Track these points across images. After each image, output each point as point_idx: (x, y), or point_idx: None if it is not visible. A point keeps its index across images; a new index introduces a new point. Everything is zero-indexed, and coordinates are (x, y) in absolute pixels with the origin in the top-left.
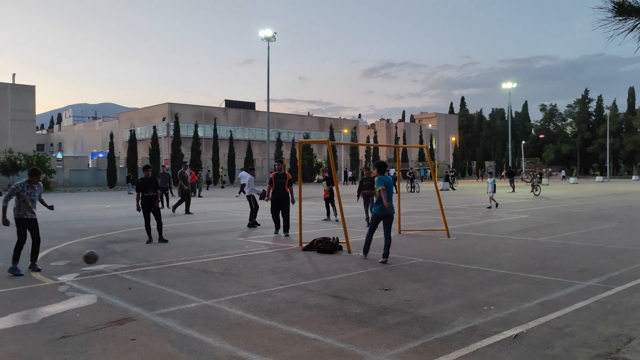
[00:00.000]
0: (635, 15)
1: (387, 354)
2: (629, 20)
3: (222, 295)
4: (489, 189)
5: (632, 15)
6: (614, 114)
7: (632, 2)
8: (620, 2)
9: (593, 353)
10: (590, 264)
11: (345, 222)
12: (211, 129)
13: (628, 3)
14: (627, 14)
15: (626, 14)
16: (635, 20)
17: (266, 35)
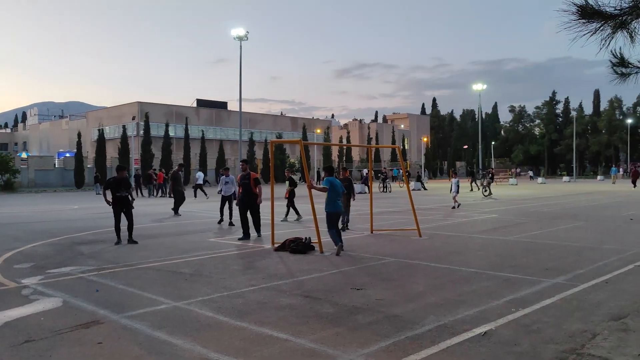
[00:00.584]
0: (598, 18)
1: (359, 354)
2: (591, 23)
3: (192, 296)
4: (453, 189)
5: (594, 18)
6: (580, 115)
7: (594, 5)
8: (584, 5)
9: (559, 349)
10: (557, 262)
11: (317, 223)
12: (182, 128)
13: (591, 6)
14: (589, 17)
15: (589, 17)
16: (597, 23)
17: (238, 35)
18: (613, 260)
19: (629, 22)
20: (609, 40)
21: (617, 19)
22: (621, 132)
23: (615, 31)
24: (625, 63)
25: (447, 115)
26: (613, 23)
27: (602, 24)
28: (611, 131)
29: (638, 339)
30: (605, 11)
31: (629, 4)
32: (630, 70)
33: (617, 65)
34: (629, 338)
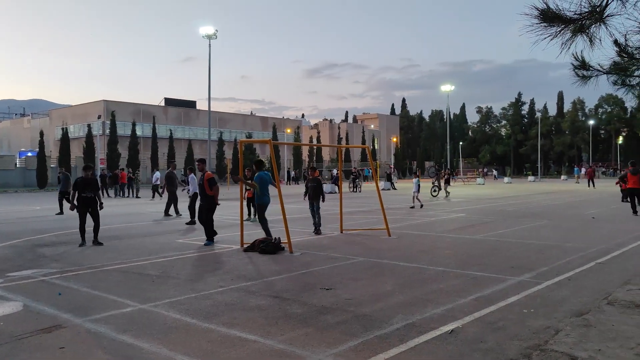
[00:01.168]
0: (558, 22)
1: (328, 353)
2: (552, 27)
3: (159, 298)
4: (414, 189)
5: (555, 22)
6: (545, 116)
7: (555, 9)
8: (545, 10)
9: (523, 345)
10: (522, 260)
11: (287, 223)
12: (150, 127)
13: (552, 10)
14: (550, 21)
15: (550, 21)
16: (558, 27)
17: (207, 33)
18: (575, 258)
19: (588, 26)
20: (570, 43)
21: (576, 23)
22: (583, 133)
23: (575, 35)
24: (587, 66)
25: (417, 115)
26: (573, 27)
27: (563, 28)
28: (574, 132)
29: (599, 334)
30: (566, 15)
31: (587, 9)
32: (591, 73)
33: (578, 68)
34: (589, 333)
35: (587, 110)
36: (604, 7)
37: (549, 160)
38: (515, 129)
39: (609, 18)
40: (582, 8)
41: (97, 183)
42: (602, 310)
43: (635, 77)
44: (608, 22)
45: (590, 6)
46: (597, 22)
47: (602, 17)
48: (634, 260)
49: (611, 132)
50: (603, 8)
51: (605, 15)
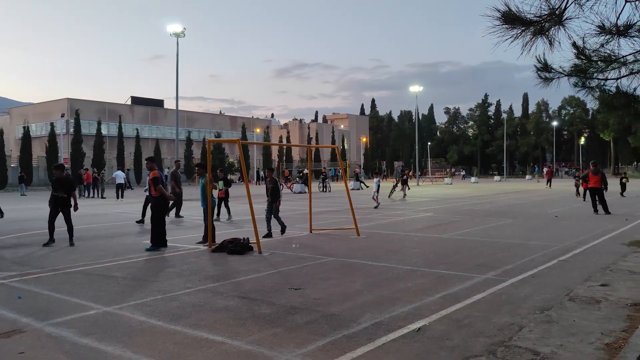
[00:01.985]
0: (519, 24)
1: (296, 354)
2: (514, 29)
3: (124, 301)
4: (374, 189)
5: (516, 24)
6: (510, 117)
7: (515, 11)
8: (506, 12)
9: (488, 342)
10: (488, 258)
11: (255, 223)
12: (116, 126)
13: (513, 13)
14: (511, 23)
15: (511, 23)
16: (519, 29)
17: (175, 31)
18: (539, 256)
19: (547, 28)
20: (530, 45)
21: (537, 26)
22: (547, 134)
23: (535, 37)
24: (549, 68)
25: (386, 115)
26: (533, 29)
27: (524, 30)
28: (538, 133)
29: (561, 329)
30: (526, 17)
31: (547, 12)
32: (553, 75)
33: (541, 70)
34: (552, 329)
35: (551, 111)
36: (563, 10)
37: (515, 160)
38: (482, 130)
39: (568, 21)
40: (542, 10)
41: (70, 183)
42: (564, 307)
43: (595, 80)
44: (567, 25)
45: (549, 8)
46: (556, 25)
47: (561, 20)
48: (594, 258)
49: (573, 133)
50: (562, 11)
51: (564, 19)
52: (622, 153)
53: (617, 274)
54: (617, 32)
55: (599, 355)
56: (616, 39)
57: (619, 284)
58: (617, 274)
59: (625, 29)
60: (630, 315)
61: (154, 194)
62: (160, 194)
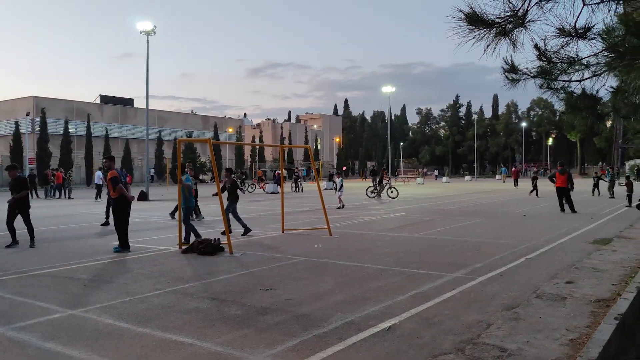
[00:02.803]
0: (483, 25)
1: (266, 354)
2: (477, 30)
3: (90, 303)
4: (338, 189)
5: (480, 25)
6: (481, 118)
7: (479, 13)
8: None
9: (457, 339)
10: (458, 257)
11: (227, 224)
12: (84, 125)
13: (477, 14)
14: (475, 24)
15: (475, 24)
16: (482, 30)
17: (145, 29)
18: (507, 254)
19: (511, 30)
20: (494, 46)
21: (500, 27)
22: (517, 135)
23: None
24: (516, 70)
25: (359, 116)
26: (497, 30)
27: (487, 31)
28: (508, 133)
29: (527, 326)
30: (489, 19)
31: (509, 13)
32: (520, 76)
33: (508, 71)
34: (519, 326)
35: (520, 112)
36: (526, 12)
37: (485, 160)
38: (453, 130)
39: (530, 23)
40: (505, 12)
41: (23, 183)
42: (531, 304)
43: (559, 81)
44: (530, 27)
45: (511, 10)
46: (519, 27)
47: (524, 21)
48: (560, 256)
49: (542, 134)
50: (525, 13)
51: (527, 20)
52: (588, 153)
53: (582, 271)
54: (576, 34)
55: (563, 350)
56: (575, 41)
57: (584, 281)
58: (582, 271)
59: (584, 32)
60: (594, 311)
61: (113, 194)
62: (120, 195)
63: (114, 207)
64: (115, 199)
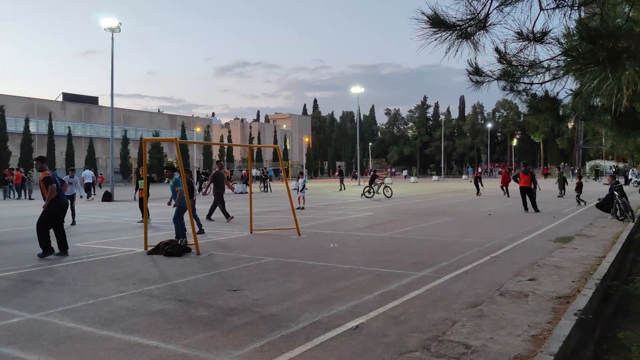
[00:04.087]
0: (445, 27)
1: (233, 356)
2: (439, 33)
3: (52, 307)
4: (299, 189)
5: (442, 28)
6: (448, 119)
7: (441, 15)
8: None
9: (423, 337)
10: (425, 256)
11: (193, 224)
12: (46, 124)
13: (439, 17)
14: (438, 26)
15: (437, 26)
16: (445, 33)
17: (110, 26)
18: (473, 253)
19: (472, 33)
20: (456, 49)
21: (462, 30)
22: (483, 135)
23: (460, 41)
24: (480, 72)
25: (328, 116)
26: (458, 33)
27: (450, 33)
28: (474, 134)
29: (491, 323)
30: (451, 22)
31: (469, 16)
32: (484, 78)
33: (472, 73)
34: (483, 323)
35: (486, 114)
36: (487, 15)
37: (452, 160)
38: (421, 131)
39: (491, 26)
40: (466, 15)
41: None
42: (495, 301)
43: (522, 84)
44: (491, 30)
45: (471, 14)
46: (480, 30)
47: (485, 25)
48: (523, 254)
49: (507, 134)
50: (486, 16)
51: (488, 24)
52: (551, 154)
53: (544, 268)
54: (534, 38)
55: (525, 346)
56: (533, 45)
57: (546, 278)
58: (544, 269)
59: (542, 36)
60: (555, 307)
61: (46, 196)
62: (56, 197)
63: (45, 209)
64: (51, 202)
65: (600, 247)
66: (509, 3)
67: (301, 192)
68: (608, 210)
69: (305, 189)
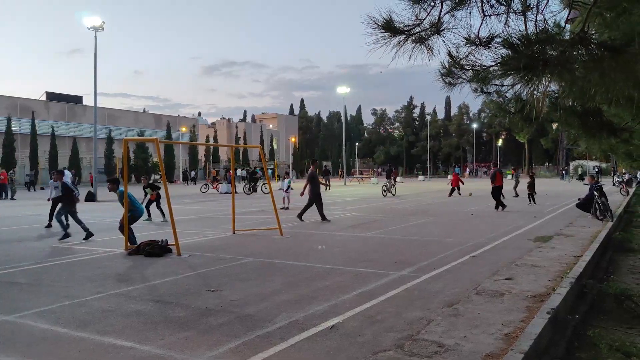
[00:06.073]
0: (399, 33)
1: (207, 356)
2: (395, 37)
3: (27, 308)
4: (284, 189)
5: (394, 32)
6: (434, 119)
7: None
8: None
9: (397, 336)
10: (405, 256)
11: (174, 225)
12: (28, 123)
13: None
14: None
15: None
16: (399, 37)
17: (93, 25)
18: (453, 252)
19: (426, 37)
20: (410, 52)
21: (416, 35)
22: (468, 136)
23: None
24: (452, 74)
25: (315, 116)
26: (414, 37)
27: (405, 38)
28: (460, 134)
29: (466, 322)
30: (405, 27)
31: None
32: (456, 80)
33: (445, 75)
34: (458, 322)
35: (472, 114)
36: (438, 21)
37: (438, 160)
38: (407, 131)
39: (445, 31)
40: (416, 21)
41: None
42: (471, 300)
43: (493, 86)
44: (444, 35)
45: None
46: (434, 35)
47: (439, 30)
48: (502, 253)
49: (492, 135)
50: (438, 20)
51: (442, 29)
52: (536, 154)
53: (522, 268)
54: (480, 43)
55: (497, 344)
56: (479, 49)
57: (522, 277)
58: (521, 268)
59: (488, 41)
60: (530, 306)
61: None
62: None
63: None
64: None
65: (579, 247)
66: (456, 9)
67: (286, 193)
68: (588, 209)
69: (290, 189)
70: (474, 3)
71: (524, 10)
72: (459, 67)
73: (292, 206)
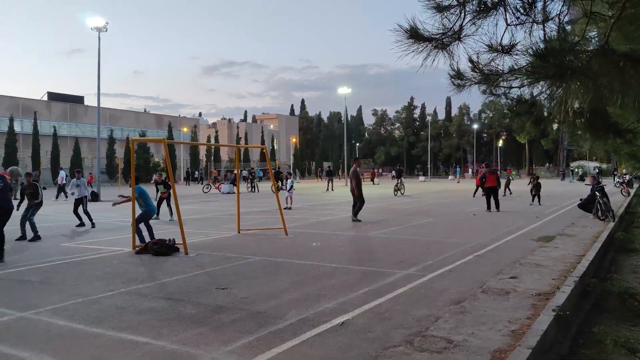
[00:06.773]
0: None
1: (222, 351)
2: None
3: (41, 305)
4: (287, 189)
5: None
6: (435, 120)
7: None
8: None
9: (407, 333)
10: (409, 255)
11: (182, 224)
12: (31, 123)
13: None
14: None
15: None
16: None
17: (97, 25)
18: (457, 252)
19: (448, 44)
20: (433, 58)
21: (438, 41)
22: (469, 136)
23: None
24: (461, 76)
25: (315, 116)
26: (435, 44)
27: (427, 44)
28: (460, 135)
29: (473, 319)
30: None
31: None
32: (465, 82)
33: (454, 77)
34: (465, 319)
35: (472, 115)
36: (459, 28)
37: (438, 161)
38: (407, 132)
39: (465, 38)
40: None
41: None
42: (477, 298)
43: (501, 87)
44: (465, 42)
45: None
46: (455, 41)
47: (459, 37)
48: (505, 253)
49: (492, 135)
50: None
51: (462, 35)
52: (536, 154)
53: (526, 267)
54: (502, 50)
55: (505, 340)
56: (501, 56)
57: (527, 276)
58: (525, 267)
59: (509, 48)
60: (535, 304)
61: None
62: None
63: None
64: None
65: (581, 246)
66: (479, 17)
67: (288, 193)
68: (590, 210)
69: (292, 189)
70: (500, 13)
71: (544, 20)
72: (479, 71)
73: (294, 206)
